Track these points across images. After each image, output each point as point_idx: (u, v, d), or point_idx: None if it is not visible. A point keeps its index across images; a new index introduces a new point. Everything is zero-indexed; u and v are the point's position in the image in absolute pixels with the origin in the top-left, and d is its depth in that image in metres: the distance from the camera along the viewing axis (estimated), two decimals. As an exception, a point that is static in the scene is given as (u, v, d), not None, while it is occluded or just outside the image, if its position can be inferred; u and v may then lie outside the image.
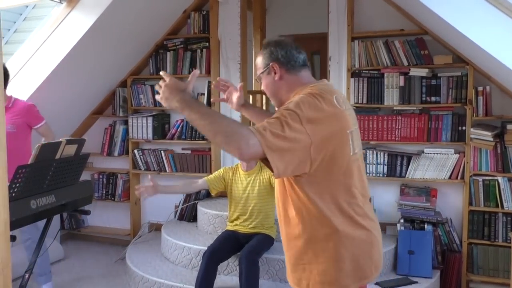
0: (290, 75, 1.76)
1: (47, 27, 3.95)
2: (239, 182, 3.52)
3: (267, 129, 1.51)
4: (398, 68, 3.92)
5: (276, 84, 1.78)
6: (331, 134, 1.60)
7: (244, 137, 1.49)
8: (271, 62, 1.76)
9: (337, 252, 1.65)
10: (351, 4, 4.05)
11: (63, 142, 2.36)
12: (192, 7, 4.57)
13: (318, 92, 1.65)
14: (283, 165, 1.52)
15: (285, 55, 1.75)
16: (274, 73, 1.76)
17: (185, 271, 3.78)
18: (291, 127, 1.52)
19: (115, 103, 4.88)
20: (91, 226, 5.22)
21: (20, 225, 2.27)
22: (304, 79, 1.77)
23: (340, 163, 1.63)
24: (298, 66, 1.77)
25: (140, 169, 4.86)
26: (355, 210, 1.68)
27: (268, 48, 1.79)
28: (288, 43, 1.79)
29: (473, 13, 2.95)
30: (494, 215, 3.76)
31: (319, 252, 1.67)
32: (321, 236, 1.66)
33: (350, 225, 1.66)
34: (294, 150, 1.53)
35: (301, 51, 1.80)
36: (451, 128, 3.83)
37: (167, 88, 1.61)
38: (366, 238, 1.70)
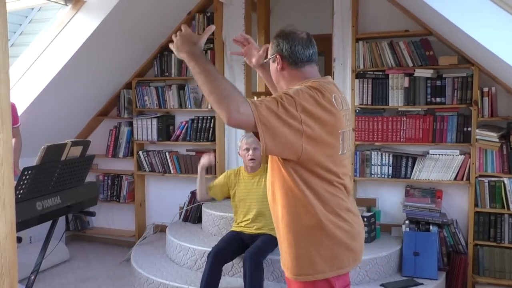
0: (291, 69, 1.81)
1: (53, 30, 3.97)
2: (242, 185, 3.51)
3: (263, 103, 1.57)
4: (403, 69, 3.91)
5: (277, 74, 1.85)
6: (323, 130, 1.65)
7: (236, 103, 1.53)
8: (276, 53, 1.82)
9: (318, 239, 1.71)
10: (355, 5, 4.04)
11: (68, 143, 2.36)
12: (196, 9, 4.58)
13: (318, 87, 1.69)
14: (272, 143, 1.58)
15: (289, 50, 1.79)
16: (277, 63, 1.83)
17: (190, 272, 3.78)
18: (286, 110, 1.57)
19: (120, 105, 4.90)
20: (96, 228, 5.23)
21: (26, 227, 2.28)
22: (307, 74, 1.81)
23: (328, 159, 1.69)
24: (302, 62, 1.80)
25: (145, 170, 4.87)
26: (339, 203, 1.75)
27: (276, 39, 1.84)
28: (296, 38, 1.81)
29: (478, 13, 2.94)
30: (500, 216, 3.74)
31: (300, 237, 1.73)
32: (304, 223, 1.71)
33: (333, 217, 1.72)
34: (284, 132, 1.58)
35: (309, 46, 1.82)
36: (456, 129, 3.82)
37: (181, 37, 1.67)
38: (348, 231, 1.76)
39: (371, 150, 4.07)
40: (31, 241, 4.42)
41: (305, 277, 1.72)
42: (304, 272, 1.73)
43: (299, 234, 1.73)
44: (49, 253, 2.78)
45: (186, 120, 4.71)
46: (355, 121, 4.06)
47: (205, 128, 4.59)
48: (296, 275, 1.75)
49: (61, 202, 2.44)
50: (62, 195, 2.46)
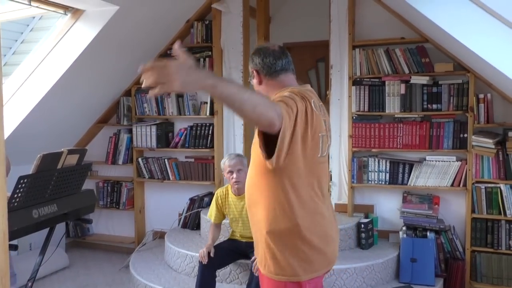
0: (268, 80, 1.90)
1: (52, 39, 4.01)
2: (232, 206, 3.41)
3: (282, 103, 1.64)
4: (399, 76, 3.93)
5: (258, 88, 1.93)
6: (306, 130, 1.71)
7: (276, 107, 1.56)
8: (252, 69, 1.93)
9: (293, 243, 1.76)
10: (352, 13, 4.07)
11: (65, 152, 2.39)
12: (195, 17, 4.63)
13: (297, 92, 1.77)
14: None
15: (261, 62, 1.89)
16: (254, 78, 1.93)
17: (188, 279, 3.80)
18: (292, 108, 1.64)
19: (119, 112, 4.94)
20: (96, 234, 5.26)
21: (23, 234, 2.31)
22: (284, 82, 1.89)
23: (308, 159, 1.75)
24: (276, 71, 1.89)
25: (144, 177, 4.90)
26: (315, 208, 1.80)
27: (251, 56, 1.95)
28: (266, 51, 1.91)
29: (471, 22, 2.97)
30: (497, 222, 3.75)
31: (277, 239, 1.78)
32: (281, 226, 1.76)
33: (309, 221, 1.77)
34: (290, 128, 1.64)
35: (281, 56, 1.91)
36: (453, 136, 3.84)
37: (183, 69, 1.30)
38: (322, 236, 1.82)
39: (368, 157, 4.09)
40: (31, 248, 4.45)
41: (278, 277, 1.78)
42: (279, 272, 1.78)
43: (276, 236, 1.78)
44: (46, 260, 2.80)
45: (185, 127, 4.74)
46: (352, 128, 4.08)
47: (204, 135, 4.62)
48: (270, 273, 1.81)
49: (57, 210, 2.47)
50: (58, 203, 2.48)
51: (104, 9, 3.76)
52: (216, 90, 1.36)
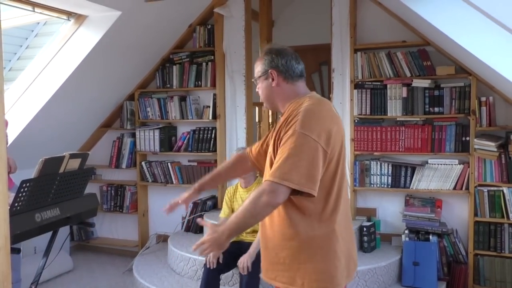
0: (286, 84, 1.84)
1: (55, 44, 4.05)
2: (240, 200, 3.52)
3: (280, 167, 1.64)
4: (401, 79, 3.94)
5: (272, 90, 1.86)
6: (335, 137, 1.72)
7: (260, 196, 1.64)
8: (270, 69, 1.84)
9: (333, 250, 1.73)
10: (353, 16, 4.09)
11: (66, 156, 2.42)
12: (197, 21, 4.65)
13: (318, 102, 1.77)
14: (313, 184, 1.64)
15: (285, 65, 1.83)
16: (272, 79, 1.84)
17: (191, 282, 3.81)
18: (304, 150, 1.64)
19: (122, 116, 4.97)
20: (100, 238, 5.28)
21: (25, 238, 2.33)
22: (300, 89, 1.86)
23: (334, 163, 1.75)
24: (296, 77, 1.85)
25: (148, 181, 4.92)
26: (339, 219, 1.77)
27: (270, 55, 1.86)
28: (288, 53, 1.86)
29: (472, 25, 2.97)
30: (500, 226, 3.74)
31: (317, 250, 1.73)
32: (318, 235, 1.73)
33: (332, 232, 1.74)
34: (314, 164, 1.64)
35: (300, 61, 1.88)
36: (455, 139, 3.83)
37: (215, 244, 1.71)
38: (345, 248, 1.79)
39: (370, 160, 4.09)
40: (36, 251, 4.48)
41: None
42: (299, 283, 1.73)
43: (314, 248, 1.73)
44: (50, 263, 2.82)
45: (187, 131, 4.76)
46: (354, 131, 4.09)
47: (207, 139, 4.64)
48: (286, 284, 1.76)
49: (60, 214, 2.49)
50: (61, 207, 2.50)
51: (106, 14, 3.79)
52: (232, 234, 1.69)
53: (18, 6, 3.50)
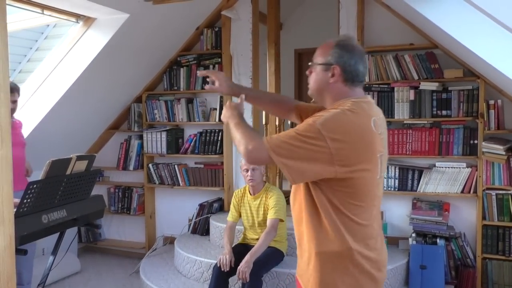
0: (344, 86, 1.69)
1: (64, 46, 4.08)
2: (247, 206, 3.53)
3: (279, 137, 1.60)
4: (408, 82, 3.92)
5: (327, 85, 1.71)
6: (358, 156, 1.58)
7: (247, 141, 1.63)
8: (335, 64, 1.68)
9: (344, 267, 1.65)
10: (361, 19, 4.08)
11: (73, 158, 2.43)
12: (204, 24, 4.67)
13: (356, 110, 1.62)
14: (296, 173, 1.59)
15: (353, 66, 1.68)
16: (332, 75, 1.69)
17: (197, 284, 3.82)
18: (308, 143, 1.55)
19: (130, 119, 4.99)
20: (108, 239, 5.31)
21: (32, 239, 2.34)
22: (355, 94, 1.71)
23: (364, 186, 1.63)
24: (357, 82, 1.71)
25: (155, 183, 4.94)
26: (370, 232, 1.68)
27: (340, 49, 1.69)
28: (359, 54, 1.70)
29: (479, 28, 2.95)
30: (509, 229, 3.70)
31: (327, 262, 1.66)
32: (331, 248, 1.65)
33: (362, 246, 1.65)
34: (310, 163, 1.56)
35: (366, 66, 1.74)
36: (463, 142, 3.81)
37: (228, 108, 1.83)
38: (375, 261, 1.68)
39: (377, 163, 4.07)
40: (44, 253, 4.50)
41: None
42: None
43: (325, 259, 1.66)
44: (56, 264, 2.83)
45: (194, 133, 4.78)
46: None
47: (213, 141, 4.65)
48: None
49: (67, 215, 2.50)
50: (68, 208, 2.51)
51: (115, 17, 3.82)
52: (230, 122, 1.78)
53: (27, 9, 3.54)
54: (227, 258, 3.24)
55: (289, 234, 3.68)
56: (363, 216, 1.66)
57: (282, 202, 3.42)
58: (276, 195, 3.41)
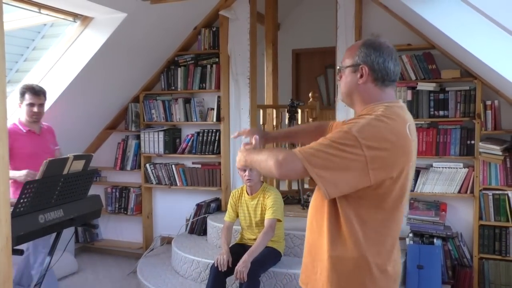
0: (374, 86, 1.62)
1: (61, 46, 4.07)
2: (244, 206, 3.53)
3: (313, 148, 1.50)
4: (406, 82, 3.93)
5: (357, 87, 1.64)
6: (394, 165, 1.51)
7: (276, 154, 1.53)
8: (363, 64, 1.61)
9: (361, 282, 1.60)
10: (358, 19, 4.08)
11: (70, 158, 2.43)
12: (202, 24, 4.66)
13: (392, 116, 1.54)
14: (331, 185, 1.49)
15: (381, 65, 1.60)
16: (361, 76, 1.62)
17: (194, 284, 3.81)
18: (345, 149, 1.47)
19: (127, 118, 4.98)
20: (105, 240, 5.29)
21: (29, 239, 2.34)
22: (386, 96, 1.63)
23: (395, 196, 1.56)
24: (388, 81, 1.62)
25: (152, 183, 4.93)
26: (391, 243, 1.63)
27: (368, 49, 1.61)
28: (389, 52, 1.62)
29: (477, 29, 2.96)
30: (505, 229, 3.72)
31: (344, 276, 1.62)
32: (349, 262, 1.59)
33: (381, 259, 1.60)
34: (345, 172, 1.48)
35: (398, 63, 1.64)
36: (460, 142, 3.82)
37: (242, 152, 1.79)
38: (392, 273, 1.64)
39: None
40: (40, 252, 4.49)
41: None
42: None
43: (343, 273, 1.61)
44: (53, 265, 2.83)
45: (192, 133, 4.78)
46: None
47: (211, 141, 4.65)
48: None
49: (63, 215, 2.49)
50: (65, 208, 2.51)
51: (112, 16, 3.81)
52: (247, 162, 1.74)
53: (24, 7, 3.53)
54: (224, 258, 3.24)
55: (286, 234, 3.68)
56: (390, 226, 1.60)
57: (279, 202, 3.42)
58: (273, 195, 3.41)
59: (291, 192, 4.90)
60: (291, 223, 3.87)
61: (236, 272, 3.10)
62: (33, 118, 3.48)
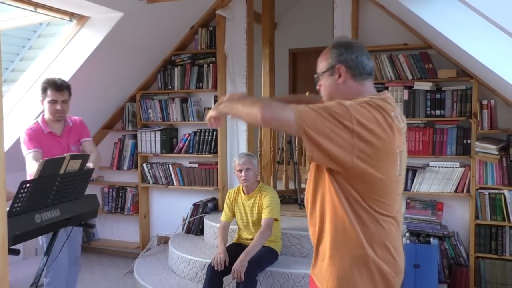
0: (353, 82, 1.66)
1: (58, 45, 4.06)
2: (241, 206, 3.54)
3: (308, 107, 1.50)
4: (402, 82, 3.93)
5: (337, 88, 1.68)
6: (379, 149, 1.53)
7: (269, 102, 1.54)
8: (337, 64, 1.66)
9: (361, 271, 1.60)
10: (355, 19, 4.09)
11: (67, 157, 2.41)
12: (199, 23, 4.66)
13: (376, 104, 1.57)
14: (317, 150, 1.50)
15: (354, 60, 1.65)
16: (339, 76, 1.66)
17: (191, 284, 3.81)
18: (337, 118, 1.48)
19: (124, 118, 4.98)
20: (102, 239, 5.28)
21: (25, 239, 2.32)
22: (366, 89, 1.68)
23: (383, 182, 1.57)
24: (365, 74, 1.67)
25: (149, 182, 4.93)
26: (388, 235, 1.63)
27: (338, 49, 1.68)
28: (359, 48, 1.69)
29: (473, 29, 2.97)
30: (501, 228, 3.73)
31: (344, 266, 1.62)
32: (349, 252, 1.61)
33: (380, 250, 1.61)
34: (331, 141, 1.48)
35: (370, 57, 1.70)
36: (456, 142, 3.83)
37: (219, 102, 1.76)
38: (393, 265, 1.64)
39: (371, 163, 4.08)
40: (37, 253, 4.48)
41: None
42: None
43: (343, 256, 1.62)
44: (50, 264, 2.82)
45: (189, 132, 4.77)
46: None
47: (208, 141, 4.65)
48: None
49: (60, 215, 2.48)
50: (61, 208, 2.49)
51: (109, 15, 3.81)
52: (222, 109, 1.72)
53: (19, 6, 3.51)
54: (221, 257, 3.24)
55: (283, 233, 3.68)
56: (386, 208, 1.60)
57: (276, 201, 3.42)
58: (270, 194, 3.42)
59: (287, 192, 4.90)
60: (288, 223, 3.87)
61: (233, 272, 3.10)
62: (56, 117, 3.17)
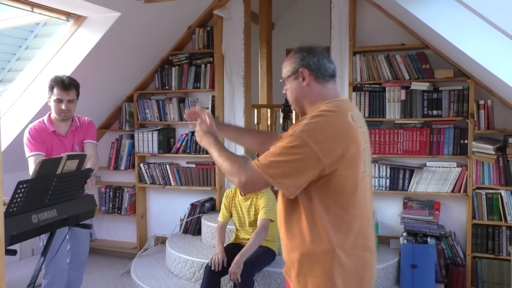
0: (317, 84, 1.74)
1: (54, 45, 4.04)
2: (238, 207, 3.54)
3: (266, 157, 1.62)
4: (400, 82, 3.94)
5: (302, 91, 1.76)
6: (342, 152, 1.59)
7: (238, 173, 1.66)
8: (301, 68, 1.74)
9: (332, 268, 1.64)
10: (352, 19, 4.09)
11: (64, 157, 2.41)
12: (196, 23, 4.65)
13: (331, 109, 1.66)
14: (293, 187, 1.61)
15: (317, 63, 1.74)
16: (302, 79, 1.74)
17: (189, 284, 3.81)
18: (295, 153, 1.58)
19: (121, 118, 4.97)
20: (99, 239, 5.26)
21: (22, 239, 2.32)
22: (330, 91, 1.76)
23: (350, 181, 1.64)
24: (327, 77, 1.75)
25: (146, 182, 4.92)
26: (358, 230, 1.67)
27: (300, 53, 1.76)
28: (320, 51, 1.77)
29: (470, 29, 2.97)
30: (498, 228, 3.74)
31: (315, 265, 1.66)
32: (318, 251, 1.65)
33: (349, 245, 1.66)
34: (302, 172, 1.58)
35: (332, 61, 1.79)
36: (453, 142, 3.84)
37: (200, 133, 1.90)
38: (360, 260, 1.70)
39: (368, 163, 4.08)
40: (33, 253, 4.47)
41: None
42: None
43: (311, 261, 1.67)
44: (47, 265, 2.81)
45: (186, 132, 4.76)
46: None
47: (205, 141, 4.63)
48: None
49: (57, 215, 2.47)
50: (58, 208, 2.48)
51: (106, 15, 3.79)
52: (209, 150, 1.84)
53: (16, 6, 3.50)
54: (219, 257, 3.24)
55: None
56: (355, 205, 1.66)
57: (272, 202, 3.42)
58: (266, 195, 3.41)
59: (285, 192, 4.90)
60: (286, 223, 3.86)
61: (230, 273, 3.10)
62: (61, 116, 3.07)
